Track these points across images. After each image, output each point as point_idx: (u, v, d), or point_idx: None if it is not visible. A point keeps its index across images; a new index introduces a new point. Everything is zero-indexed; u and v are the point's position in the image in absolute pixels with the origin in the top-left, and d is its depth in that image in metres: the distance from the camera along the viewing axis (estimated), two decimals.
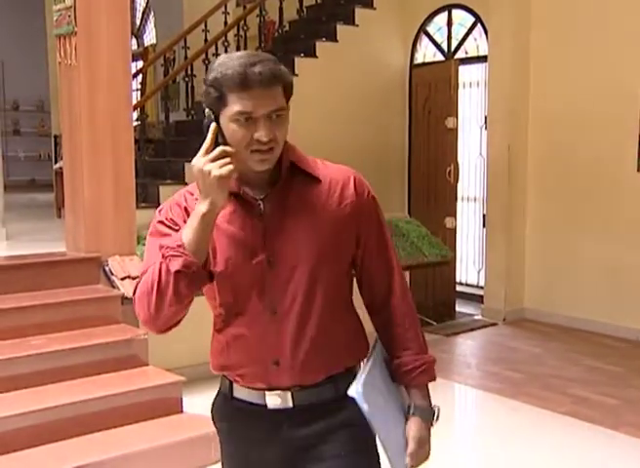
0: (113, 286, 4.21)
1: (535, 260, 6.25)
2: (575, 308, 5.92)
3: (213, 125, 1.50)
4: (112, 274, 4.25)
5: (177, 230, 1.55)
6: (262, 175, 1.56)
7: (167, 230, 1.59)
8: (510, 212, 6.21)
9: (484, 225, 6.55)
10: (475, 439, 4.09)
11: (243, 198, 1.58)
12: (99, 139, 4.28)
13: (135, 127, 5.08)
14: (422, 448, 1.63)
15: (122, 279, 4.23)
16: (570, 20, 5.88)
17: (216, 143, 1.49)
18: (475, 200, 7.05)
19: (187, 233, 1.48)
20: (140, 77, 7.15)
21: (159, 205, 6.16)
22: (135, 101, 5.97)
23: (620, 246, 5.59)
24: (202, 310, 5.24)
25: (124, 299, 4.17)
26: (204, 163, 1.46)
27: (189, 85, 6.53)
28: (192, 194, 1.61)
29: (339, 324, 1.64)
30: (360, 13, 6.97)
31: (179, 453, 3.48)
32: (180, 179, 6.01)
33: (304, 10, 7.34)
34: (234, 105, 1.47)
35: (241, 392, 1.67)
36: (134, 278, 4.29)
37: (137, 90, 7.97)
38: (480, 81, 6.84)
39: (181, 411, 3.78)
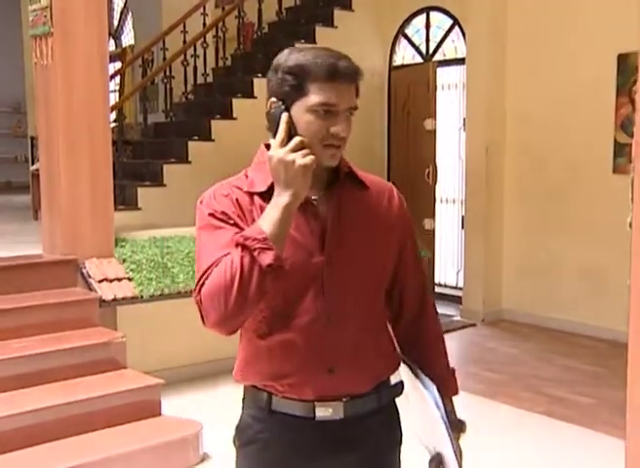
0: (91, 288, 4.18)
1: (512, 261, 6.29)
2: (551, 308, 5.97)
3: (285, 115, 1.45)
4: (90, 277, 4.22)
5: (231, 224, 1.48)
6: (321, 174, 1.52)
7: (221, 223, 1.48)
8: (488, 213, 6.25)
9: (462, 227, 6.59)
10: None
11: None
12: (76, 141, 4.24)
13: (112, 128, 5.05)
14: (460, 452, 1.67)
15: (100, 281, 4.21)
16: (545, 23, 5.93)
17: (291, 132, 1.44)
18: (454, 201, 7.09)
19: (268, 226, 1.38)
20: (118, 78, 7.11)
21: (137, 207, 6.11)
22: (113, 103, 5.94)
23: (596, 246, 5.64)
24: (180, 313, 5.22)
25: (102, 302, 4.15)
26: (285, 153, 1.40)
27: (168, 86, 6.49)
28: (240, 188, 1.54)
29: (383, 332, 1.63)
30: (339, 15, 6.98)
31: (158, 456, 3.46)
32: (158, 181, 5.99)
33: (283, 11, 7.34)
34: (316, 96, 1.44)
35: (282, 404, 1.54)
36: (111, 280, 4.27)
37: (115, 91, 7.93)
38: (458, 83, 6.88)
39: (160, 414, 3.76)
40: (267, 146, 1.56)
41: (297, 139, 1.41)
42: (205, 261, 1.44)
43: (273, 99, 1.48)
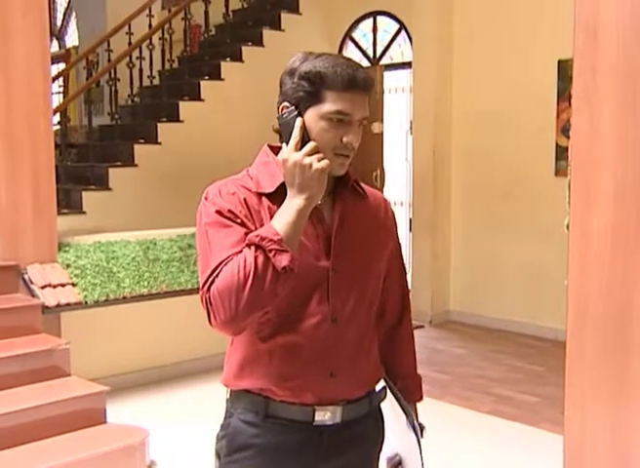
0: (33, 295, 4.08)
1: (459, 263, 6.37)
2: (497, 309, 6.07)
3: (300, 120, 1.45)
4: (32, 282, 4.12)
5: (238, 223, 1.46)
6: (328, 180, 1.49)
7: (228, 221, 1.46)
8: (435, 215, 6.32)
9: (410, 229, 6.64)
10: None
11: None
12: (16, 144, 4.14)
13: (56, 131, 4.95)
14: None
15: (42, 287, 4.11)
16: (490, 29, 6.03)
17: (304, 137, 1.45)
18: (402, 204, 7.14)
19: (283, 228, 1.38)
20: (61, 80, 6.98)
21: (82, 211, 6.01)
22: (56, 105, 5.83)
23: (539, 248, 5.75)
24: (125, 319, 5.14)
25: (44, 308, 4.05)
26: (301, 157, 1.40)
27: (113, 88, 6.40)
28: (247, 188, 1.51)
29: (375, 339, 1.65)
30: (286, 18, 6.99)
31: (103, 465, 3.39)
32: (104, 185, 5.90)
33: (230, 14, 7.30)
34: (332, 104, 1.45)
35: (280, 409, 1.53)
36: (55, 286, 4.17)
37: (58, 93, 7.78)
38: (405, 87, 6.95)
39: (105, 422, 3.69)
40: (271, 147, 1.58)
41: (312, 144, 1.42)
42: (214, 259, 1.41)
43: (286, 104, 1.48)
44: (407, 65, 6.70)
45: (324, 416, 1.53)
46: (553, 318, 5.46)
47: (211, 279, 1.39)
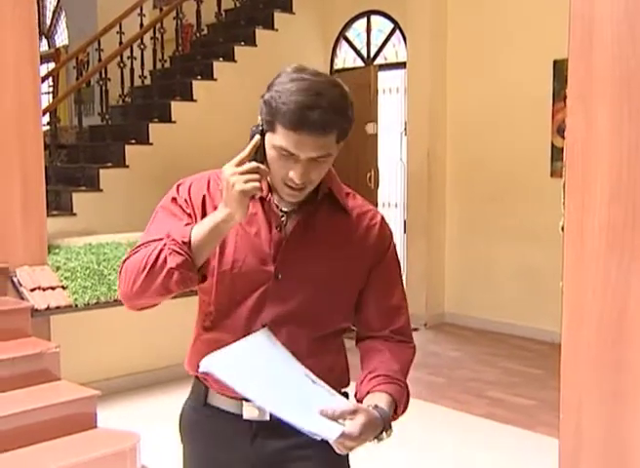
0: (22, 298, 4.04)
1: (454, 265, 6.34)
2: (493, 312, 6.04)
3: (256, 138, 1.45)
4: (21, 285, 4.07)
5: (188, 214, 1.53)
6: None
7: (178, 211, 1.55)
8: (430, 217, 6.29)
9: (405, 231, 6.61)
10: (395, 443, 4.09)
11: (268, 205, 1.55)
12: (5, 144, 4.09)
13: (45, 131, 4.90)
14: (355, 441, 1.41)
15: (32, 290, 4.07)
16: (485, 28, 6.01)
17: (256, 155, 1.44)
18: (396, 206, 7.11)
19: (198, 232, 1.44)
20: (51, 80, 6.93)
21: (73, 212, 5.98)
22: (46, 105, 5.78)
23: (535, 250, 5.73)
24: (116, 322, 5.09)
25: (34, 312, 4.01)
26: (231, 173, 1.40)
27: (104, 88, 6.35)
28: (215, 188, 1.56)
29: (326, 349, 1.60)
30: (279, 17, 6.95)
31: None
32: (94, 186, 5.86)
33: (223, 13, 7.27)
34: (280, 138, 1.42)
35: (216, 399, 1.60)
36: (44, 289, 4.13)
37: (48, 93, 7.73)
38: (400, 87, 6.92)
39: (96, 427, 3.65)
40: None
41: (251, 165, 1.41)
42: (143, 238, 1.52)
43: (260, 119, 1.47)
44: (401, 65, 6.67)
45: (252, 413, 1.56)
46: (549, 320, 5.42)
47: (129, 254, 1.52)
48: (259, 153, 1.45)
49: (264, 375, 1.45)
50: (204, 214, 1.53)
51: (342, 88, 1.52)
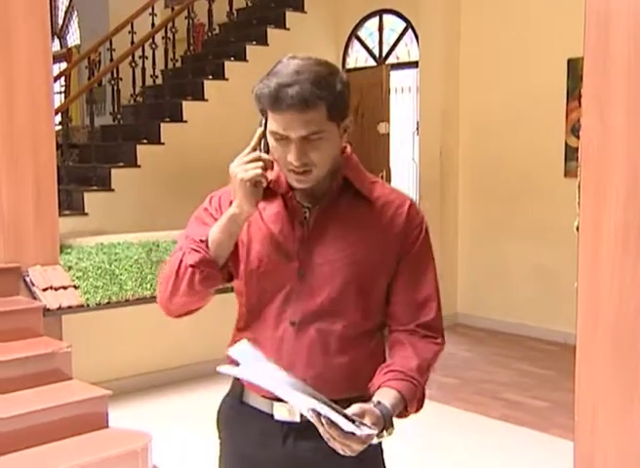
0: (34, 297, 4.05)
1: (467, 265, 6.31)
2: (506, 312, 6.00)
3: (259, 130, 1.48)
4: (33, 285, 4.08)
5: (215, 220, 1.55)
6: (320, 183, 1.52)
7: (208, 219, 1.58)
8: (442, 217, 6.25)
9: None
10: (408, 445, 4.07)
11: (290, 201, 1.55)
12: (18, 144, 4.11)
13: (58, 131, 4.91)
14: (365, 443, 1.37)
15: (44, 290, 4.08)
16: (498, 27, 5.97)
17: (260, 147, 1.48)
18: None
19: (214, 231, 1.49)
20: (63, 79, 6.95)
21: (84, 212, 6.00)
22: (58, 105, 5.79)
23: (548, 250, 5.68)
24: (128, 322, 5.09)
25: (46, 311, 4.02)
26: (236, 165, 1.46)
27: (115, 88, 6.36)
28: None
29: (358, 348, 1.56)
30: (291, 16, 6.94)
31: None
32: (106, 186, 5.86)
33: (234, 13, 7.26)
34: (270, 123, 1.45)
35: (250, 398, 1.60)
36: (56, 289, 4.14)
37: (60, 92, 7.75)
38: (412, 86, 6.89)
39: (107, 426, 3.65)
40: None
41: (253, 154, 1.45)
42: (175, 248, 1.59)
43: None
44: (414, 65, 6.64)
45: (283, 413, 1.55)
46: (563, 321, 5.38)
47: (164, 266, 1.59)
48: (262, 145, 1.48)
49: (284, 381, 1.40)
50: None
51: (329, 66, 1.50)
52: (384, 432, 1.43)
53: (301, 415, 1.49)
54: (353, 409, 1.38)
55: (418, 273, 1.59)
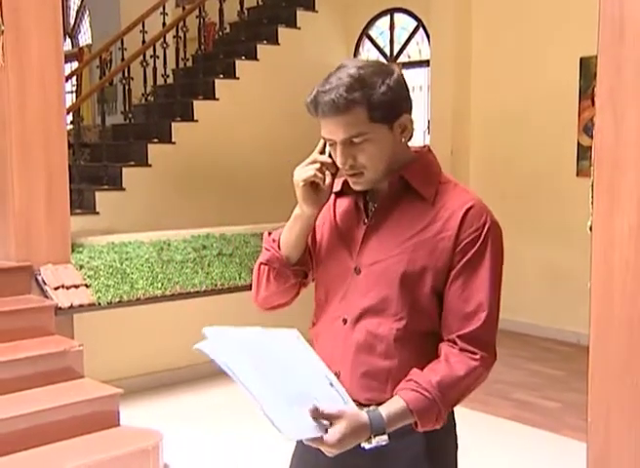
0: (46, 296, 4.06)
1: None
2: (517, 312, 5.96)
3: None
4: (45, 283, 4.09)
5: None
6: (381, 184, 1.55)
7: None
8: None
9: None
10: None
11: (359, 201, 1.59)
12: (29, 143, 4.12)
13: (69, 130, 4.93)
14: (333, 448, 1.37)
15: (55, 288, 4.09)
16: (509, 26, 5.94)
17: (323, 152, 1.56)
18: None
19: (285, 230, 1.59)
20: (74, 79, 6.97)
21: (95, 211, 6.00)
22: (69, 104, 5.81)
23: (560, 250, 5.66)
24: (139, 321, 5.09)
25: (58, 310, 4.03)
26: (298, 168, 1.55)
27: (127, 87, 6.37)
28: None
29: (405, 352, 1.52)
30: (302, 15, 6.93)
31: None
32: (117, 185, 5.88)
33: (245, 12, 7.26)
34: (322, 128, 1.51)
35: None
36: (68, 287, 4.15)
37: (71, 92, 7.77)
38: (423, 85, 6.87)
39: (119, 425, 3.66)
40: None
41: (311, 156, 1.54)
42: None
43: None
44: (425, 64, 6.63)
45: None
46: (575, 322, 5.35)
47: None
48: (325, 151, 1.54)
49: (267, 365, 1.39)
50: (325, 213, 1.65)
51: (376, 67, 1.51)
52: (372, 438, 1.39)
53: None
54: (330, 410, 1.37)
55: (470, 281, 1.50)
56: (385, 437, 1.40)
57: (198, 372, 4.71)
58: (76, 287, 4.20)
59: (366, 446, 1.40)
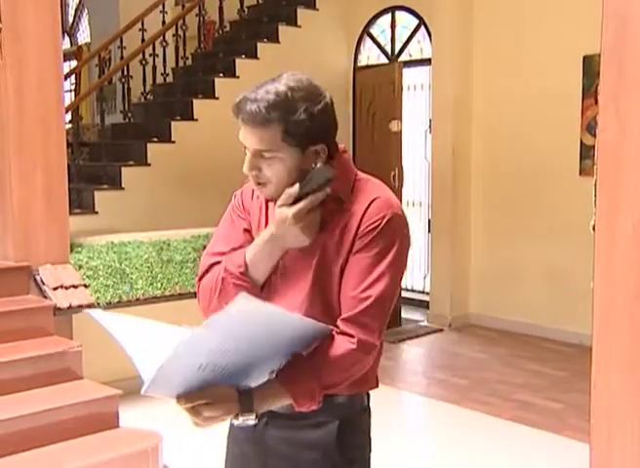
0: (45, 296, 4.04)
1: (479, 265, 6.26)
2: (519, 313, 5.95)
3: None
4: (44, 284, 4.08)
5: (242, 218, 1.66)
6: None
7: (234, 216, 1.69)
8: (455, 216, 6.21)
9: (429, 230, 6.53)
10: (421, 446, 4.05)
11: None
12: (28, 143, 4.10)
13: (68, 129, 4.91)
14: (194, 413, 1.43)
15: (54, 289, 4.07)
16: (512, 24, 5.92)
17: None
18: (420, 205, 7.04)
19: (252, 255, 1.56)
20: (73, 77, 6.95)
21: (95, 211, 5.99)
22: (68, 103, 5.79)
23: (563, 250, 5.63)
24: None
25: (56, 310, 4.01)
26: (285, 209, 1.54)
27: (126, 86, 6.35)
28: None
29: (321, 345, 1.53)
30: (302, 13, 6.90)
31: None
32: (116, 184, 5.86)
33: (245, 10, 7.24)
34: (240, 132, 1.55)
35: None
36: (67, 287, 4.14)
37: (70, 91, 7.77)
38: (424, 84, 6.84)
39: (118, 426, 3.64)
40: None
41: (287, 194, 1.54)
42: (209, 247, 1.69)
43: None
44: (426, 62, 6.59)
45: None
46: (578, 322, 5.33)
47: (202, 274, 1.68)
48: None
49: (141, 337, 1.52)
50: (249, 210, 1.68)
51: (307, 92, 1.53)
52: (239, 416, 1.44)
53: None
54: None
55: (361, 268, 1.53)
56: (253, 416, 1.44)
57: None
58: (75, 287, 4.18)
59: (234, 422, 1.45)
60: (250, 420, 1.44)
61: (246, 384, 1.45)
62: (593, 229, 1.77)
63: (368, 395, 1.68)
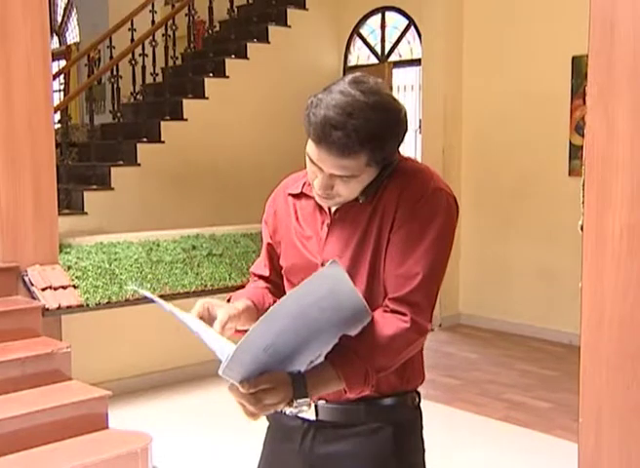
0: (33, 297, 4.03)
1: (470, 265, 6.27)
2: (509, 313, 5.96)
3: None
4: (32, 284, 4.06)
5: (270, 231, 1.66)
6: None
7: (265, 234, 1.69)
8: None
9: None
10: None
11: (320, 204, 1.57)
12: (16, 143, 4.08)
13: (57, 129, 4.88)
14: (247, 400, 1.32)
15: (43, 289, 4.05)
16: (501, 24, 5.94)
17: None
18: None
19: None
20: (62, 77, 6.92)
21: (84, 211, 5.95)
22: (57, 103, 5.76)
23: (552, 250, 5.65)
24: (127, 322, 5.07)
25: (45, 311, 4.00)
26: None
27: (115, 86, 6.33)
28: (286, 187, 1.67)
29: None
30: (292, 13, 6.90)
31: None
32: (106, 185, 5.84)
33: (235, 10, 7.23)
34: (309, 144, 1.43)
35: None
36: (55, 288, 4.12)
37: (59, 90, 7.73)
38: (414, 84, 6.85)
39: (107, 427, 3.63)
40: None
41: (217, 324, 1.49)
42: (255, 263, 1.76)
43: None
44: (416, 62, 6.61)
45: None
46: (567, 322, 5.35)
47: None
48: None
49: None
50: (276, 216, 1.66)
51: (389, 113, 1.41)
52: (294, 401, 1.35)
53: (317, 414, 1.53)
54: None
55: (406, 246, 1.46)
56: (308, 400, 1.35)
57: (187, 374, 4.68)
58: (64, 288, 4.17)
59: (287, 410, 1.37)
60: (304, 406, 1.35)
61: (296, 369, 1.37)
62: (581, 229, 1.78)
63: (418, 392, 1.59)
